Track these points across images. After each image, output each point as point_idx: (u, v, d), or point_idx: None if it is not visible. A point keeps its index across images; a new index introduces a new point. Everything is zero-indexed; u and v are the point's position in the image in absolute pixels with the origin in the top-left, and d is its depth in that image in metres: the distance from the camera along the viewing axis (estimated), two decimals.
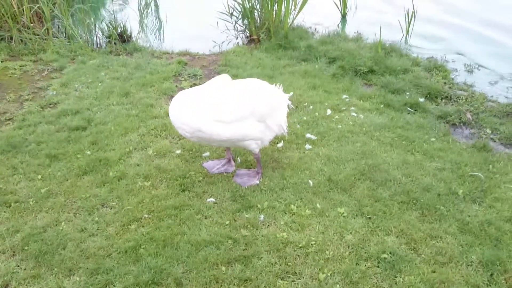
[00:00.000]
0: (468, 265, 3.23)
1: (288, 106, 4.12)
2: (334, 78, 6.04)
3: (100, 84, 5.88)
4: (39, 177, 4.12)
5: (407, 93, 5.59)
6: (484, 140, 4.72)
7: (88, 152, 4.45)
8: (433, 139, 4.70)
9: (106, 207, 3.79)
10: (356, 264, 3.22)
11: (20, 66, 6.42)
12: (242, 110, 3.68)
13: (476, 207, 3.76)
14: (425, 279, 3.09)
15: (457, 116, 5.13)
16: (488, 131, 4.91)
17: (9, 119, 5.14)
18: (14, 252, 3.33)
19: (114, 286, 3.06)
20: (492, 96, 5.67)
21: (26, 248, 3.34)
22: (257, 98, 3.76)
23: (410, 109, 5.29)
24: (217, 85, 3.72)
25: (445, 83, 5.90)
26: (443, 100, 5.54)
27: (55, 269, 3.18)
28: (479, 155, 4.44)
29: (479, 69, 6.46)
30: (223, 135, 3.65)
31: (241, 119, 3.68)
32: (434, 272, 3.16)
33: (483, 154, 4.46)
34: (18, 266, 3.21)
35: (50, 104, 5.45)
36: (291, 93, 4.26)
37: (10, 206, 3.77)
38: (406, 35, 7.61)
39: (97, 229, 3.54)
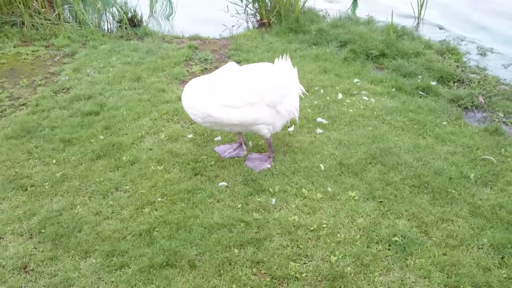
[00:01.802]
0: (479, 248, 3.24)
1: (301, 93, 4.11)
2: (345, 62, 6.02)
3: (111, 69, 5.92)
4: (54, 161, 4.18)
5: (419, 77, 5.56)
6: (496, 123, 4.69)
7: (101, 137, 4.50)
8: (445, 123, 4.69)
9: (120, 191, 3.84)
10: (367, 247, 3.25)
11: (32, 52, 6.48)
12: (250, 95, 3.69)
13: (488, 191, 3.76)
14: (436, 262, 3.11)
15: (469, 99, 5.10)
16: (501, 114, 4.88)
17: (23, 104, 5.20)
18: (31, 235, 3.40)
19: (129, 267, 3.12)
20: (505, 80, 5.62)
21: (43, 231, 3.41)
22: (266, 83, 3.76)
23: (422, 93, 5.27)
24: (226, 71, 3.74)
25: (457, 66, 5.86)
26: (455, 84, 5.50)
27: (72, 251, 3.25)
28: (491, 139, 4.42)
29: (492, 52, 6.40)
30: (232, 119, 3.67)
31: (250, 104, 3.69)
32: (445, 255, 3.18)
33: (495, 137, 4.44)
34: (36, 248, 3.29)
35: (63, 89, 5.51)
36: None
37: (26, 190, 3.84)
38: (418, 18, 7.53)
39: (112, 212, 3.60)
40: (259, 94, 3.69)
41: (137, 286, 2.99)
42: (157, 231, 3.39)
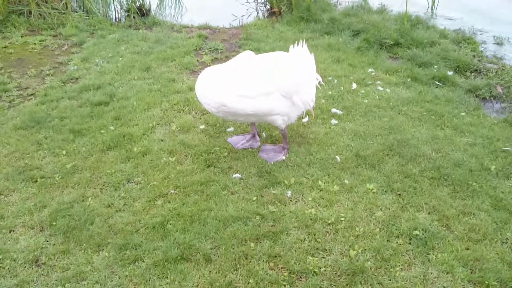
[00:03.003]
0: (503, 243, 3.14)
1: (318, 83, 4.01)
2: (358, 51, 5.89)
3: (120, 58, 5.82)
4: (64, 152, 4.10)
5: (435, 66, 5.43)
6: None
7: (112, 128, 4.42)
8: (463, 114, 4.57)
9: (132, 182, 3.76)
10: (388, 241, 3.15)
11: (40, 41, 6.38)
12: (266, 85, 3.58)
13: (510, 183, 3.65)
14: (458, 257, 3.02)
15: (487, 90, 4.97)
16: None
17: (31, 94, 5.12)
18: (42, 228, 3.33)
19: (143, 261, 3.04)
20: None
21: (54, 223, 3.34)
22: (282, 73, 3.65)
23: (438, 83, 5.14)
24: (241, 61, 3.63)
25: (474, 55, 5.72)
26: (472, 74, 5.37)
27: (84, 244, 3.17)
28: (511, 130, 4.30)
29: (509, 41, 6.24)
30: (247, 109, 3.57)
31: (265, 94, 3.59)
32: (467, 249, 3.08)
33: None
34: (47, 241, 3.21)
35: (71, 79, 5.42)
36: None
37: (36, 181, 3.77)
38: (432, 7, 7.37)
39: (124, 205, 3.52)
40: (275, 84, 3.58)
41: (151, 281, 2.91)
42: (170, 224, 3.31)
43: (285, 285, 2.86)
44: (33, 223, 3.35)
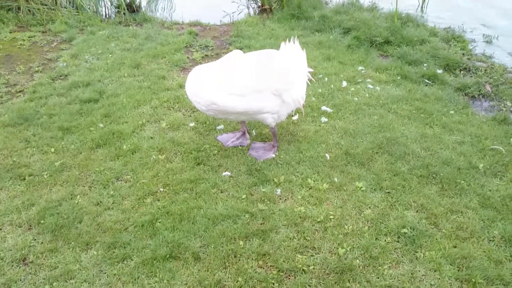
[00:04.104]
0: (490, 240, 3.17)
1: (308, 80, 4.01)
2: (349, 49, 5.90)
3: (110, 55, 5.79)
4: (52, 150, 4.07)
5: (425, 65, 5.45)
6: (504, 113, 4.60)
7: (101, 125, 4.39)
8: (452, 112, 4.59)
9: (121, 180, 3.74)
10: (376, 239, 3.17)
11: (28, 37, 6.33)
12: (256, 83, 3.58)
13: (497, 182, 3.68)
14: (446, 254, 3.04)
15: (476, 88, 5.01)
16: (508, 103, 4.79)
17: (20, 91, 5.07)
18: (30, 226, 3.31)
19: (131, 259, 3.03)
20: None
21: (42, 221, 3.31)
22: (272, 71, 3.65)
23: (427, 81, 5.16)
24: (231, 59, 3.63)
25: (463, 54, 5.76)
26: (462, 72, 5.40)
27: (72, 242, 3.16)
28: (499, 128, 4.33)
29: (498, 40, 6.29)
30: (238, 108, 3.57)
31: (256, 92, 3.59)
32: (455, 247, 3.10)
33: (504, 127, 4.36)
34: (35, 239, 3.19)
35: (60, 76, 5.38)
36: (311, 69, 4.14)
37: (24, 179, 3.74)
38: (422, 5, 7.39)
39: (113, 203, 3.51)
40: (265, 82, 3.58)
41: (140, 279, 2.90)
42: (159, 222, 3.30)
43: (274, 284, 2.87)
44: (21, 222, 3.33)
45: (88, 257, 3.05)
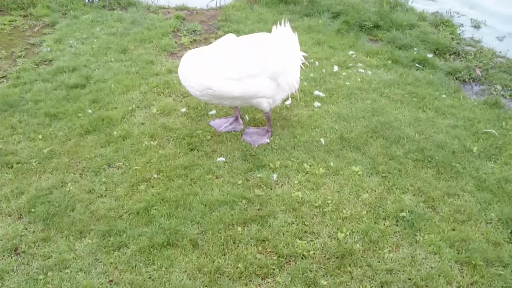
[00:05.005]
0: (488, 223, 3.18)
1: (302, 64, 3.95)
2: (338, 33, 5.85)
3: (95, 40, 5.63)
4: (40, 137, 3.95)
5: (415, 49, 5.43)
6: (495, 96, 4.62)
7: (90, 111, 4.27)
8: (444, 96, 4.59)
9: (113, 167, 3.65)
10: (375, 223, 3.15)
11: (9, 21, 6.12)
12: (252, 67, 3.51)
13: (492, 164, 3.70)
14: (445, 237, 3.04)
15: (466, 72, 5.01)
16: (499, 87, 4.80)
17: (3, 77, 4.90)
18: (20, 215, 3.20)
19: (128, 247, 2.96)
20: (500, 52, 5.54)
21: (33, 210, 3.21)
22: (268, 54, 3.58)
23: (418, 65, 5.15)
24: (225, 43, 3.54)
25: (452, 38, 5.75)
26: (452, 56, 5.40)
27: (65, 231, 3.07)
28: (491, 112, 4.35)
29: (485, 24, 6.30)
30: (234, 92, 3.49)
31: (251, 76, 3.52)
32: (453, 230, 3.11)
33: (496, 110, 4.37)
34: (26, 229, 3.09)
35: (44, 61, 5.21)
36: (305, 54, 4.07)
37: (12, 167, 3.62)
38: None
39: (106, 190, 3.42)
40: (261, 65, 3.51)
41: (137, 267, 2.84)
42: (155, 209, 3.23)
43: (274, 269, 2.83)
44: (10, 210, 3.22)
45: (83, 246, 2.97)
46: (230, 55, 3.47)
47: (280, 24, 3.84)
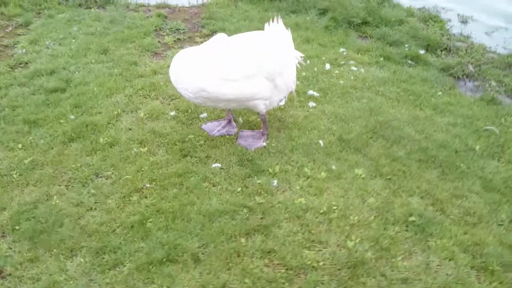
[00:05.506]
0: (499, 225, 3.07)
1: (299, 63, 3.78)
2: (327, 30, 5.70)
3: (73, 40, 5.34)
4: (20, 146, 3.68)
5: (406, 45, 5.33)
6: (491, 92, 4.54)
7: (72, 116, 4.01)
8: (440, 93, 4.49)
9: (101, 177, 3.41)
10: (384, 229, 3.00)
11: None
12: (248, 67, 3.32)
13: (496, 163, 3.60)
14: (458, 242, 2.91)
15: (459, 68, 4.93)
16: (493, 83, 4.73)
17: None
18: (4, 233, 2.94)
19: (124, 265, 2.74)
20: (490, 47, 5.49)
21: (17, 227, 2.95)
22: (264, 53, 3.40)
23: (411, 62, 5.05)
24: (218, 43, 3.34)
25: (442, 34, 5.67)
26: (443, 52, 5.32)
27: (54, 250, 2.82)
28: (489, 109, 4.27)
29: (473, 19, 6.25)
30: (229, 94, 3.30)
31: (248, 76, 3.32)
32: (465, 233, 2.99)
33: (493, 107, 4.30)
34: (11, 248, 2.83)
35: (20, 64, 4.90)
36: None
37: None
38: None
39: (95, 203, 3.17)
40: (258, 66, 3.32)
41: (136, 287, 2.62)
42: (150, 221, 3.01)
43: (283, 283, 2.65)
44: None
45: (75, 266, 2.73)
46: (224, 54, 3.27)
47: (272, 21, 3.66)
